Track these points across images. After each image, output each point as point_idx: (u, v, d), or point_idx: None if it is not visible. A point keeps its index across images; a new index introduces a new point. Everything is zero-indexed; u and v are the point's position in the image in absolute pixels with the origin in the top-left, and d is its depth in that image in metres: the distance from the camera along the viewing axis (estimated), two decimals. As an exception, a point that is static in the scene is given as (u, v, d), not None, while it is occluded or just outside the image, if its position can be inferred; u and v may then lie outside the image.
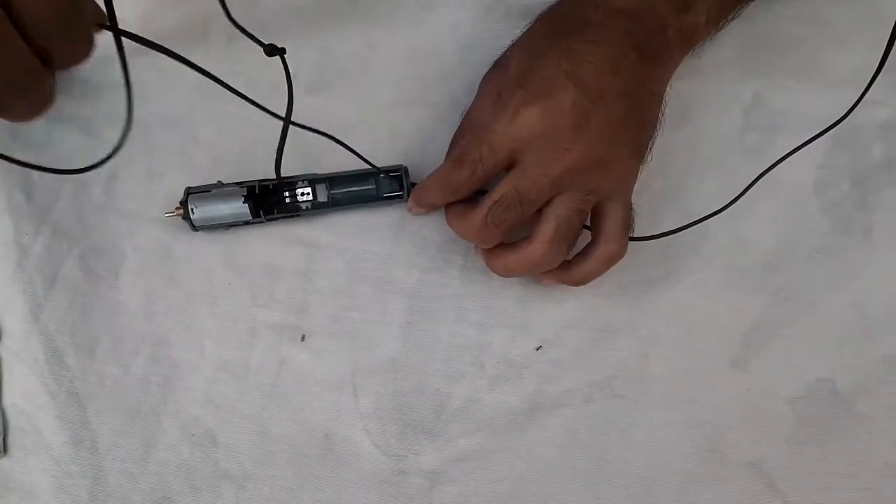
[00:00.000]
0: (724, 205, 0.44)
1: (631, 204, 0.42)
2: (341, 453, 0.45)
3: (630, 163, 0.41)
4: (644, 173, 0.47)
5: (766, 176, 0.45)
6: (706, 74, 0.49)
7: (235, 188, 0.46)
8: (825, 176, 0.48)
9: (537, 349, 0.46)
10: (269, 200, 0.46)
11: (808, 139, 0.43)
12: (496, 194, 0.40)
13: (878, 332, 0.46)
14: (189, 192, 0.46)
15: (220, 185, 0.46)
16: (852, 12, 0.49)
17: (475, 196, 0.42)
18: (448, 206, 0.44)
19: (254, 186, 0.46)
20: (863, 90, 0.42)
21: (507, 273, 0.43)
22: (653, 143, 0.43)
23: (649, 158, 0.43)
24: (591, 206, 0.41)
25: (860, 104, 0.45)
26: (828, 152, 0.48)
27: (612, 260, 0.42)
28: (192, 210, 0.45)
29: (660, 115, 0.43)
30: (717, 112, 0.49)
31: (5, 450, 0.44)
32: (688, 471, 0.45)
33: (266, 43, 0.34)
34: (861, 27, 0.49)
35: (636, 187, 0.43)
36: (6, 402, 0.45)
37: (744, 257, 0.47)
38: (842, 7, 0.49)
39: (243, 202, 0.45)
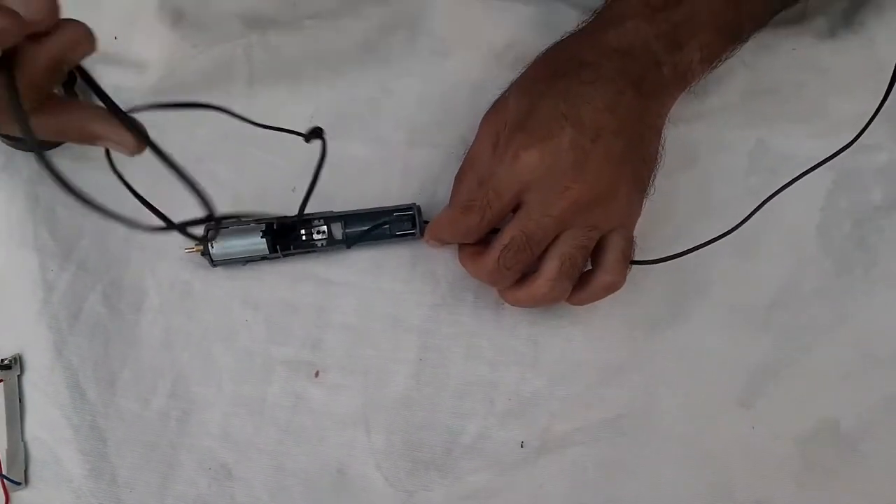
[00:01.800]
0: (728, 229, 0.45)
1: (633, 237, 0.43)
2: (354, 489, 0.45)
3: (632, 197, 0.43)
4: (650, 215, 0.48)
5: (769, 218, 0.46)
6: (712, 120, 0.50)
7: (254, 225, 0.47)
8: (827, 218, 0.49)
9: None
10: (286, 237, 0.47)
11: (817, 164, 0.44)
12: (505, 238, 0.41)
13: (881, 372, 0.47)
14: (208, 228, 0.47)
15: (238, 221, 0.48)
16: (852, 60, 0.51)
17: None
18: (461, 248, 0.45)
19: (272, 223, 0.47)
20: (864, 128, 0.43)
21: (518, 305, 0.45)
22: (654, 176, 0.44)
23: (652, 191, 0.44)
24: (595, 242, 0.42)
25: (861, 148, 0.47)
26: (829, 195, 0.50)
27: (609, 290, 0.43)
28: (211, 245, 0.46)
29: (659, 148, 0.44)
30: (722, 156, 0.50)
31: (27, 481, 0.45)
32: (695, 509, 0.45)
33: (305, 132, 0.37)
34: (861, 74, 0.50)
35: (642, 228, 0.45)
36: (28, 434, 0.46)
37: (748, 297, 0.48)
38: (842, 55, 0.51)
39: (261, 237, 0.47)
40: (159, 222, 0.32)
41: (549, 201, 0.40)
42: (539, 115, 0.41)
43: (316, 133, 0.37)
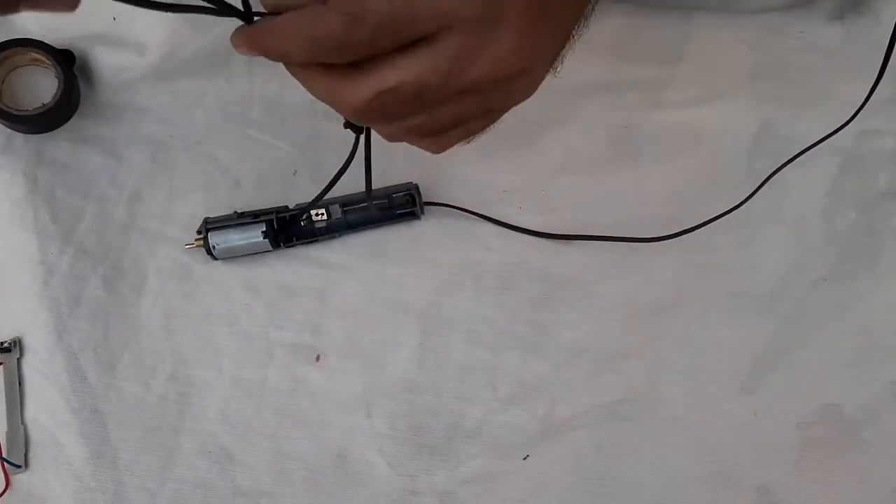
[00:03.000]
0: (731, 209, 0.45)
1: None
2: (355, 472, 0.45)
3: (546, 73, 0.32)
4: (654, 198, 0.48)
5: (773, 204, 0.46)
6: (718, 102, 0.50)
7: (254, 223, 0.46)
8: (832, 203, 0.49)
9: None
10: (287, 231, 0.47)
11: (831, 132, 0.44)
12: (390, 79, 0.28)
13: (884, 358, 0.47)
14: (208, 227, 0.47)
15: (237, 216, 0.47)
16: (860, 43, 0.50)
17: None
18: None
19: (272, 220, 0.47)
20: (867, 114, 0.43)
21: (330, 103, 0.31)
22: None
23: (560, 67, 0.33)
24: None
25: (867, 134, 0.46)
26: (835, 180, 0.49)
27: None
28: (213, 247, 0.46)
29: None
30: (727, 139, 0.50)
31: (27, 464, 0.45)
32: (696, 494, 0.45)
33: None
34: (868, 57, 0.49)
35: (645, 211, 0.44)
36: (28, 417, 0.46)
37: (752, 283, 0.48)
38: (850, 38, 0.50)
39: (263, 238, 0.46)
40: None
41: (471, 55, 0.28)
42: None
43: (356, 128, 0.35)
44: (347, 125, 0.36)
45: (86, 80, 0.50)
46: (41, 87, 0.49)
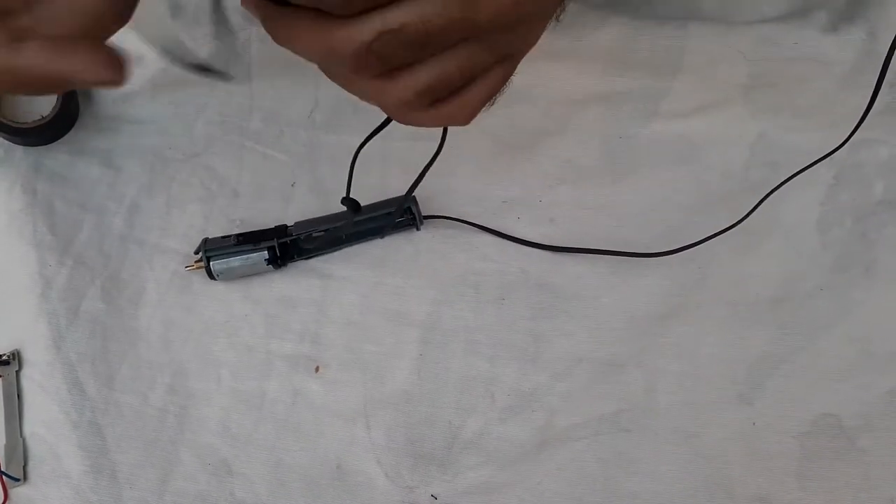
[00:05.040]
0: (732, 223, 0.45)
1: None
2: (353, 484, 0.45)
3: (548, 21, 0.30)
4: (650, 209, 0.48)
5: (769, 213, 0.46)
6: (713, 113, 0.50)
7: (256, 251, 0.47)
8: (828, 213, 0.49)
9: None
10: (288, 252, 0.47)
11: (818, 159, 0.44)
12: (392, 20, 0.26)
13: (881, 367, 0.47)
14: (209, 255, 0.46)
15: (237, 239, 0.47)
16: (854, 54, 0.51)
17: None
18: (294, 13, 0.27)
19: (274, 247, 0.47)
20: (861, 125, 0.43)
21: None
22: None
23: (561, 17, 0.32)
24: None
25: (862, 143, 0.46)
26: (830, 190, 0.49)
27: (450, 122, 0.31)
28: (217, 275, 0.47)
29: None
30: (723, 149, 0.50)
31: (25, 477, 0.45)
32: (695, 504, 0.45)
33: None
34: (863, 68, 0.50)
35: (643, 225, 0.44)
36: (27, 430, 0.46)
37: (748, 293, 0.48)
38: (844, 49, 0.51)
39: (266, 263, 0.47)
40: None
41: None
42: None
43: (353, 205, 0.38)
44: (344, 201, 0.37)
45: (84, 92, 0.50)
46: (40, 99, 0.49)
